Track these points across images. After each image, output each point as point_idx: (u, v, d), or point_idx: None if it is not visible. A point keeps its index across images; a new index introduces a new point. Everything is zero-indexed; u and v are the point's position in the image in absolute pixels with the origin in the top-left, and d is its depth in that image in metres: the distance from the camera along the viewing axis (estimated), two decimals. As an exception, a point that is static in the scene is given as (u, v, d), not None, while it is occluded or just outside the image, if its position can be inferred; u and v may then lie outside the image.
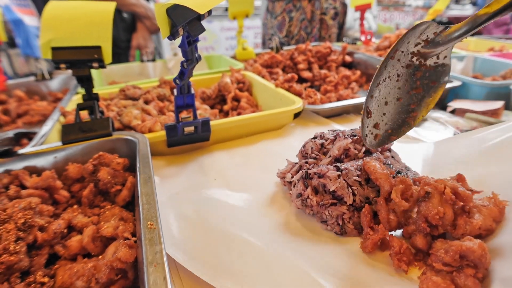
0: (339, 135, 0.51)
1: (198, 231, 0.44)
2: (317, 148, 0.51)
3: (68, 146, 0.57)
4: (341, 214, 0.42)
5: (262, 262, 0.38)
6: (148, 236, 0.35)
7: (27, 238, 0.42)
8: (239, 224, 0.45)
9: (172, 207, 0.50)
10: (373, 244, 0.39)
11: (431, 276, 0.34)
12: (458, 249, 0.33)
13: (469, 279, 0.33)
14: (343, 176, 0.43)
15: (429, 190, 0.39)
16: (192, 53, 0.51)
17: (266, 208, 0.49)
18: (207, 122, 0.62)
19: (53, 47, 0.58)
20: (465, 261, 0.34)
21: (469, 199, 0.39)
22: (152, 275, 0.30)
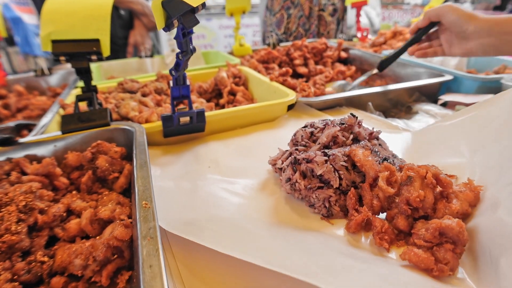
0: (328, 124, 0.52)
1: (190, 214, 0.46)
2: (307, 136, 0.53)
3: (67, 136, 0.59)
4: (327, 197, 0.44)
5: (247, 237, 0.40)
6: (143, 214, 0.37)
7: (28, 220, 0.44)
8: (230, 208, 0.47)
9: (166, 192, 0.52)
10: (356, 225, 0.41)
11: (412, 249, 0.36)
12: (437, 226, 0.35)
13: (448, 253, 0.35)
14: (330, 161, 0.45)
15: (411, 175, 0.41)
16: (186, 44, 0.53)
17: (257, 193, 0.51)
18: (202, 112, 0.63)
19: (53, 40, 0.60)
20: (444, 238, 0.36)
21: (449, 185, 0.41)
22: (146, 247, 0.32)
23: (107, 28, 0.61)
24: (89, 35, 0.61)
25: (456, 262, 0.35)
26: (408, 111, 0.83)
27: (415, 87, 0.85)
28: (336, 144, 0.50)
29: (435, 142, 0.55)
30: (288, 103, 0.72)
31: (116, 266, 0.42)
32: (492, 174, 0.41)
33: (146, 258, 0.31)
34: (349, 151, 0.46)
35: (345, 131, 0.51)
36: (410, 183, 0.41)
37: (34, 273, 0.41)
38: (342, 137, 0.50)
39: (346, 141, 0.50)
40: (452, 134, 0.53)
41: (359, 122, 0.54)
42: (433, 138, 0.57)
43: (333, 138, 0.49)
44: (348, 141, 0.50)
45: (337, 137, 0.49)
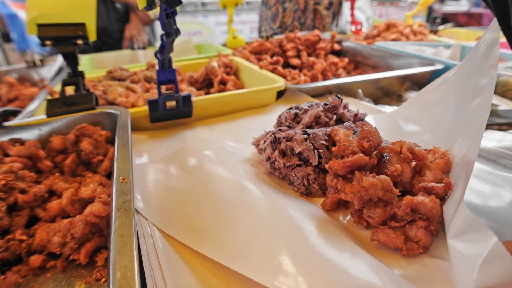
0: (312, 105, 0.52)
1: (169, 192, 0.45)
2: (290, 118, 0.52)
3: (52, 120, 0.58)
4: (306, 175, 0.43)
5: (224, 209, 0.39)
6: (119, 188, 0.37)
7: (8, 199, 0.44)
8: (211, 181, 0.46)
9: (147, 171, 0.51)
10: (332, 203, 0.40)
11: (383, 228, 0.35)
12: (409, 202, 0.35)
13: (420, 230, 0.34)
14: (310, 139, 0.44)
15: (386, 152, 0.40)
16: (170, 26, 0.53)
17: (239, 169, 0.50)
18: (189, 97, 0.63)
19: (38, 23, 0.59)
20: (418, 214, 0.35)
21: (425, 157, 0.40)
22: (119, 219, 0.32)
23: (93, 12, 0.61)
24: (75, 19, 0.61)
25: (429, 239, 0.34)
26: (399, 99, 0.83)
27: (406, 76, 0.85)
28: (318, 125, 0.49)
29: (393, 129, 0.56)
30: (277, 89, 0.72)
31: (95, 244, 0.42)
32: (448, 147, 0.42)
33: (118, 228, 0.31)
34: (330, 131, 0.46)
35: (328, 112, 0.51)
36: (387, 161, 0.40)
37: (12, 251, 0.41)
38: (325, 118, 0.49)
39: (329, 121, 0.50)
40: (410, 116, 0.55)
41: (345, 105, 0.53)
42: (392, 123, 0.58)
43: (315, 118, 0.49)
44: (331, 122, 0.50)
45: (320, 117, 0.49)
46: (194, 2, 3.44)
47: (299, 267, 0.28)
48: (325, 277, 0.27)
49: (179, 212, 0.41)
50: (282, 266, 0.29)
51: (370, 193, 0.34)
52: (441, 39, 1.32)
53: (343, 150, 0.38)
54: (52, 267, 0.41)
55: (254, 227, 0.35)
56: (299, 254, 0.30)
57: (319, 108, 0.50)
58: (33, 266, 0.40)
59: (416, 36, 1.25)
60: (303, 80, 0.81)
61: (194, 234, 0.36)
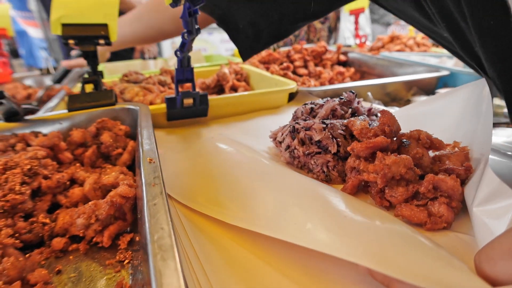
0: (327, 100, 0.54)
1: (192, 174, 0.46)
2: (306, 112, 0.54)
3: (73, 114, 0.60)
4: (326, 162, 0.44)
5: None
6: (148, 167, 0.38)
7: (32, 184, 0.45)
8: (233, 162, 0.46)
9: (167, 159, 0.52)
10: (352, 186, 0.41)
11: (406, 204, 0.36)
12: (431, 179, 0.36)
13: (442, 206, 0.35)
14: (328, 129, 0.46)
15: (405, 138, 0.42)
16: (192, 24, 0.55)
17: (258, 154, 0.50)
18: (206, 96, 0.65)
19: (63, 23, 0.62)
20: (439, 192, 0.36)
21: (442, 145, 0.41)
22: (150, 191, 0.33)
23: (116, 14, 0.64)
24: (98, 19, 0.63)
25: (451, 214, 0.35)
26: (407, 104, 0.85)
27: (412, 81, 0.87)
28: (334, 117, 0.51)
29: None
30: (290, 91, 0.74)
31: (118, 228, 0.42)
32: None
33: (150, 199, 0.31)
34: (347, 122, 0.47)
35: (344, 105, 0.52)
36: (407, 146, 0.41)
37: (35, 233, 0.41)
38: (341, 111, 0.51)
39: (344, 114, 0.51)
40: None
41: (358, 101, 0.55)
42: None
43: (331, 111, 0.51)
44: (346, 115, 0.51)
45: (336, 110, 0.51)
46: (199, 21, 3.54)
47: (335, 229, 0.29)
48: (362, 235, 0.28)
49: (204, 189, 0.42)
50: (318, 228, 0.29)
51: (393, 171, 0.35)
52: (444, 51, 1.35)
53: (365, 133, 0.39)
54: (74, 250, 0.41)
55: (282, 198, 0.35)
56: (332, 218, 0.31)
57: (335, 102, 0.51)
58: (55, 248, 0.41)
59: (419, 47, 1.29)
60: (313, 85, 0.83)
61: (222, 207, 0.37)
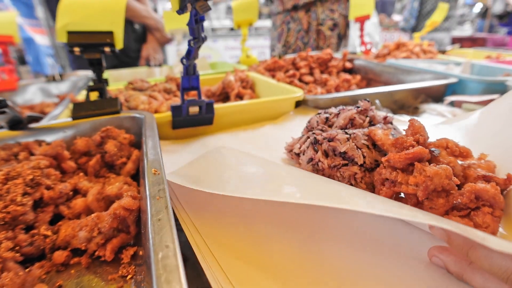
0: (343, 109, 0.53)
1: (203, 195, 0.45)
2: (322, 121, 0.52)
3: (77, 122, 0.59)
4: (353, 174, 0.43)
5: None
6: (152, 179, 0.36)
7: (34, 194, 0.44)
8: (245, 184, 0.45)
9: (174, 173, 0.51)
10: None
11: (449, 217, 0.34)
12: (472, 189, 0.34)
13: (487, 216, 0.33)
14: (351, 139, 0.45)
15: (433, 147, 0.40)
16: (198, 31, 0.54)
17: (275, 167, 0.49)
18: (211, 104, 0.64)
19: (68, 31, 0.61)
20: (481, 201, 0.35)
21: (469, 154, 0.40)
22: (155, 205, 0.31)
23: (121, 21, 0.63)
24: (104, 27, 0.63)
25: (496, 225, 0.33)
26: (415, 111, 0.83)
27: (420, 89, 0.86)
28: (353, 126, 0.49)
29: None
30: (296, 99, 0.73)
31: (121, 241, 0.41)
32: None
33: (155, 213, 0.30)
34: (369, 131, 0.46)
35: (361, 114, 0.51)
36: (437, 155, 0.40)
37: (36, 246, 0.40)
38: (359, 119, 0.50)
39: (363, 123, 0.50)
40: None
41: (371, 109, 0.54)
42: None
43: (350, 120, 0.49)
44: (365, 124, 0.50)
45: (354, 119, 0.49)
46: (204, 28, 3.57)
47: None
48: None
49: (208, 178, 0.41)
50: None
51: (435, 182, 0.34)
52: (450, 58, 1.34)
53: (401, 144, 0.38)
54: (76, 263, 0.40)
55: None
56: None
57: (353, 111, 0.50)
58: (56, 262, 0.39)
59: (426, 54, 1.28)
60: (319, 92, 0.82)
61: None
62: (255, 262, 0.33)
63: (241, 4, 1.22)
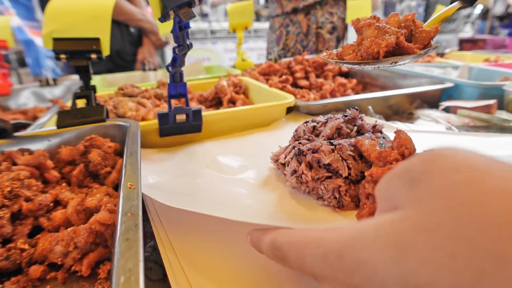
0: (330, 118, 0.51)
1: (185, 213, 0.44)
2: (309, 130, 0.51)
3: (62, 131, 0.58)
4: (337, 187, 0.42)
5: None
6: (126, 193, 0.35)
7: (12, 207, 0.43)
8: (228, 204, 0.44)
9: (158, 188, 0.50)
10: (369, 213, 0.38)
11: None
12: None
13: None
14: (337, 150, 0.43)
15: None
16: (183, 38, 0.53)
17: (259, 189, 0.48)
18: (199, 111, 0.63)
19: (54, 37, 0.61)
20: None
21: None
22: (125, 223, 0.30)
23: (108, 28, 0.63)
24: (90, 34, 0.62)
25: None
26: (410, 117, 0.82)
27: (416, 94, 0.84)
28: (340, 136, 0.48)
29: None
30: (287, 105, 0.72)
31: (98, 255, 0.40)
32: None
33: (124, 232, 0.29)
34: (355, 141, 0.44)
35: (348, 123, 0.50)
36: None
37: (12, 260, 0.39)
38: (346, 129, 0.48)
39: (350, 133, 0.49)
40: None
41: (361, 117, 0.53)
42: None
43: (337, 130, 0.48)
44: (352, 133, 0.49)
45: (341, 128, 0.48)
46: (203, 30, 3.58)
47: None
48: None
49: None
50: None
51: None
52: (449, 61, 1.32)
53: (384, 157, 0.37)
54: (52, 278, 0.39)
55: None
56: None
57: (340, 120, 0.49)
58: (32, 277, 0.39)
59: (423, 58, 1.26)
60: (312, 98, 0.81)
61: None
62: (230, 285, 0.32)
63: (237, 8, 1.21)
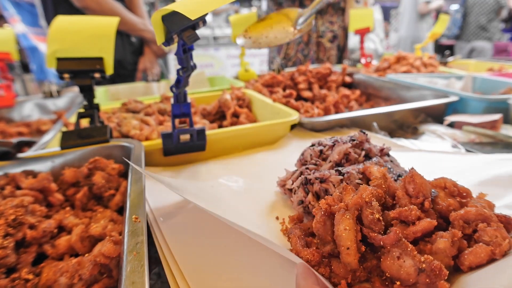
0: (337, 141, 0.51)
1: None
2: (316, 155, 0.51)
3: (65, 152, 0.58)
4: None
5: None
6: (132, 228, 0.35)
7: (16, 235, 0.43)
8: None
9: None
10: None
11: (463, 253, 0.34)
12: (457, 216, 0.34)
13: (487, 230, 0.34)
14: (345, 180, 0.43)
15: (432, 188, 0.39)
16: (187, 60, 0.53)
17: (266, 217, 0.47)
18: (203, 130, 0.63)
19: (58, 57, 0.61)
20: (473, 223, 0.35)
21: (469, 193, 0.38)
22: (130, 263, 0.30)
23: (111, 47, 0.62)
24: (93, 53, 0.62)
25: (502, 232, 0.34)
26: (414, 132, 0.82)
27: (420, 108, 0.84)
28: (348, 162, 0.47)
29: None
30: (291, 123, 0.71)
31: (103, 286, 0.39)
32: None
33: (129, 274, 0.29)
34: (364, 169, 0.44)
35: (356, 147, 0.49)
36: (435, 197, 0.38)
37: (16, 292, 0.39)
38: (354, 154, 0.48)
39: (358, 158, 0.48)
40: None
41: (367, 139, 0.52)
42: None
43: (345, 155, 0.47)
44: (360, 158, 0.48)
45: (349, 154, 0.47)
46: (206, 36, 3.59)
47: None
48: None
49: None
50: None
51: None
52: (452, 70, 1.32)
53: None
54: (56, 310, 0.39)
55: None
56: None
57: (348, 145, 0.48)
58: (37, 308, 0.38)
59: (426, 68, 1.26)
60: (316, 113, 0.81)
61: None
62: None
63: (240, 19, 1.21)
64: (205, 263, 0.39)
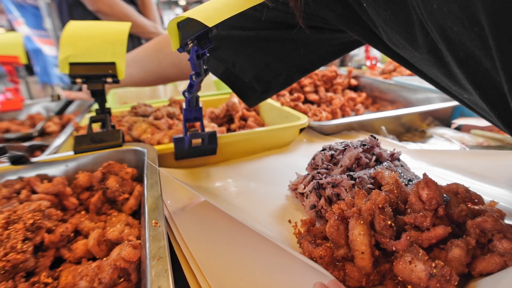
0: (348, 146, 0.51)
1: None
2: (327, 159, 0.51)
3: (79, 156, 0.59)
4: None
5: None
6: (153, 233, 0.36)
7: (35, 239, 0.43)
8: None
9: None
10: None
11: (475, 260, 0.34)
12: (474, 224, 0.34)
13: (503, 241, 0.34)
14: (357, 184, 0.43)
15: (444, 193, 0.39)
16: (200, 66, 0.54)
17: (278, 220, 0.48)
18: (214, 134, 0.63)
19: (70, 62, 0.61)
20: (489, 233, 0.35)
21: (481, 200, 0.39)
22: (155, 268, 0.30)
23: (123, 52, 0.63)
24: (106, 58, 0.63)
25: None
26: (422, 135, 0.82)
27: (428, 112, 0.84)
28: (359, 166, 0.48)
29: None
30: (301, 127, 0.72)
31: (122, 290, 0.40)
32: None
33: (154, 278, 0.29)
34: (375, 173, 0.44)
35: (367, 152, 0.50)
36: (447, 202, 0.38)
37: (36, 296, 0.39)
38: (365, 159, 0.48)
39: (369, 162, 0.49)
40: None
41: (378, 144, 0.53)
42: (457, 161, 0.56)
43: (356, 160, 0.48)
44: (371, 163, 0.49)
45: (360, 158, 0.48)
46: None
47: None
48: None
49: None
50: None
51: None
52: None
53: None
54: (76, 313, 0.39)
55: None
56: None
57: (359, 149, 0.49)
58: (56, 312, 0.39)
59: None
60: (324, 117, 0.81)
61: None
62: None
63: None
64: (224, 264, 0.40)
